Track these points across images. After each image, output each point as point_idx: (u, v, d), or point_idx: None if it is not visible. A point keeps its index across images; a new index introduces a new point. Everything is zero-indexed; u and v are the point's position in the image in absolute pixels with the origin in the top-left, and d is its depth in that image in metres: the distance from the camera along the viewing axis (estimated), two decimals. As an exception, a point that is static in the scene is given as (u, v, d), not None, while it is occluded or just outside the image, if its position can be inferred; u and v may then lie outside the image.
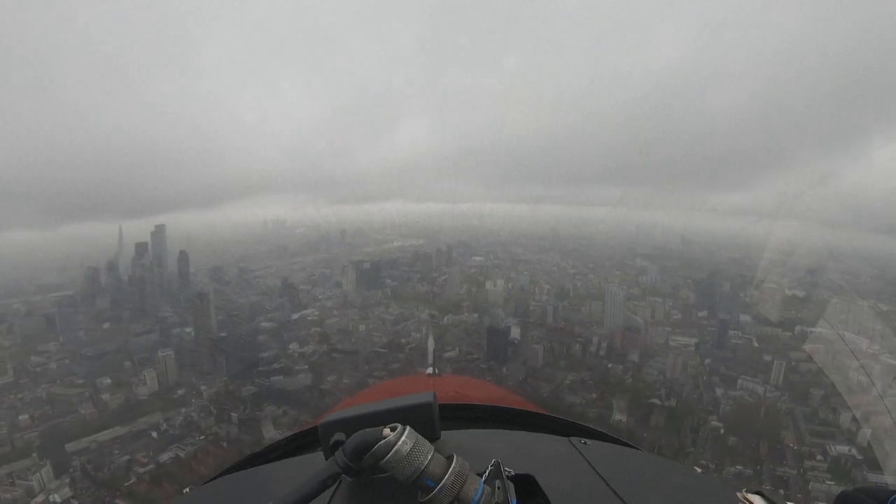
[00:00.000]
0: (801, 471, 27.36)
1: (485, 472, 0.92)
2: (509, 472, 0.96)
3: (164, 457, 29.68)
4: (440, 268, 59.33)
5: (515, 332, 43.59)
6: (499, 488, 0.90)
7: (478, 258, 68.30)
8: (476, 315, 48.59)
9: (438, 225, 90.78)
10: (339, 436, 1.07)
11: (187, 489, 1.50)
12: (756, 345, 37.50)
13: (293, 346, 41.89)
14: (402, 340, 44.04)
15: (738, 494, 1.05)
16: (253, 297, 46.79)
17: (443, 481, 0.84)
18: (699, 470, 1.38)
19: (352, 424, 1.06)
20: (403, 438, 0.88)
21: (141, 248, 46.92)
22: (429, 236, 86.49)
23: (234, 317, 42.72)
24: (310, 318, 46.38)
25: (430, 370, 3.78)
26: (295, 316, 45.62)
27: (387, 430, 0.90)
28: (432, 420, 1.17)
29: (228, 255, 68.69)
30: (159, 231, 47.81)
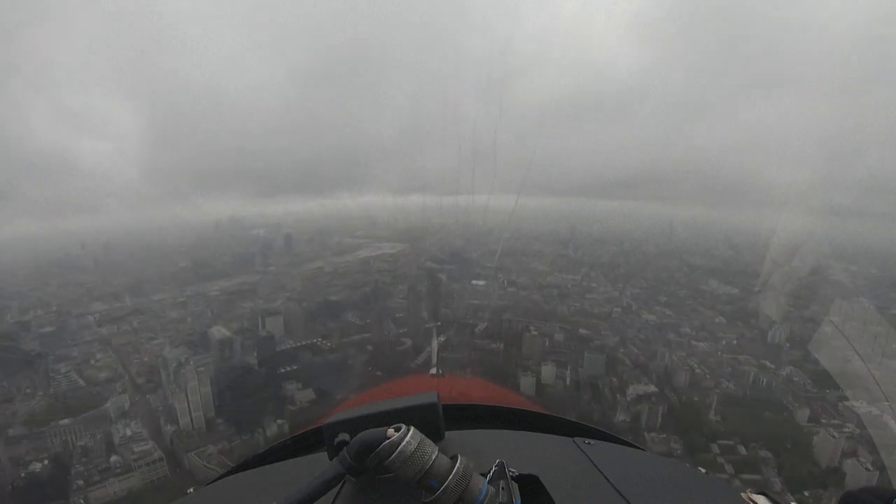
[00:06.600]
0: None
1: (489, 472, 0.93)
2: (513, 472, 0.97)
3: None
4: (418, 313, 37.40)
5: None
6: (503, 488, 0.90)
7: (479, 283, 45.98)
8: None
9: (423, 225, 68.38)
10: (343, 436, 1.07)
11: (191, 489, 1.43)
12: None
13: None
14: None
15: (743, 495, 1.06)
16: None
17: (447, 481, 0.85)
18: (703, 470, 1.35)
19: (356, 425, 1.07)
20: (408, 439, 0.88)
21: None
22: (411, 240, 63.71)
23: None
24: None
25: (433, 371, 3.62)
26: None
27: (391, 431, 0.91)
28: (436, 420, 1.18)
29: (118, 282, 46.89)
30: None
